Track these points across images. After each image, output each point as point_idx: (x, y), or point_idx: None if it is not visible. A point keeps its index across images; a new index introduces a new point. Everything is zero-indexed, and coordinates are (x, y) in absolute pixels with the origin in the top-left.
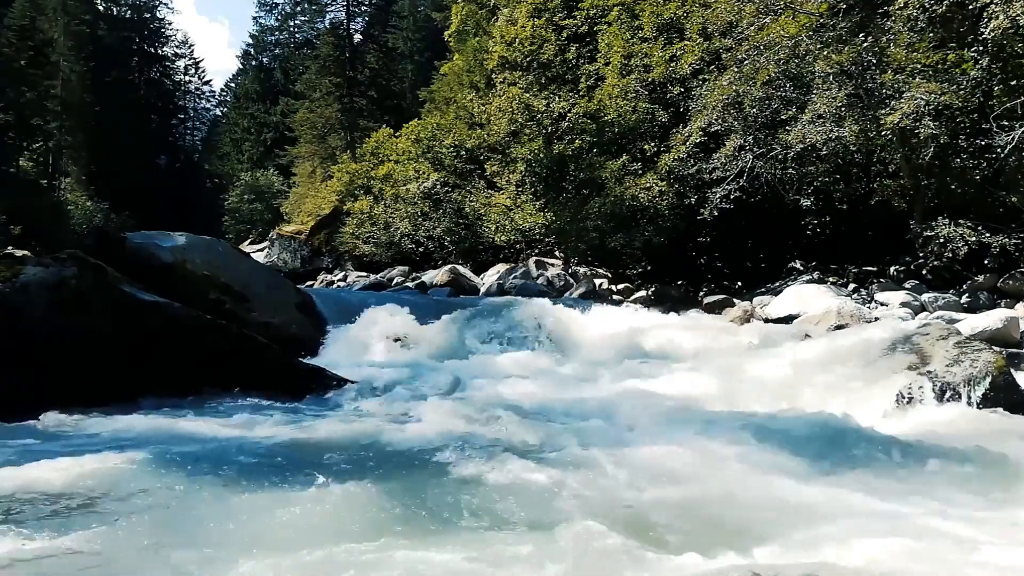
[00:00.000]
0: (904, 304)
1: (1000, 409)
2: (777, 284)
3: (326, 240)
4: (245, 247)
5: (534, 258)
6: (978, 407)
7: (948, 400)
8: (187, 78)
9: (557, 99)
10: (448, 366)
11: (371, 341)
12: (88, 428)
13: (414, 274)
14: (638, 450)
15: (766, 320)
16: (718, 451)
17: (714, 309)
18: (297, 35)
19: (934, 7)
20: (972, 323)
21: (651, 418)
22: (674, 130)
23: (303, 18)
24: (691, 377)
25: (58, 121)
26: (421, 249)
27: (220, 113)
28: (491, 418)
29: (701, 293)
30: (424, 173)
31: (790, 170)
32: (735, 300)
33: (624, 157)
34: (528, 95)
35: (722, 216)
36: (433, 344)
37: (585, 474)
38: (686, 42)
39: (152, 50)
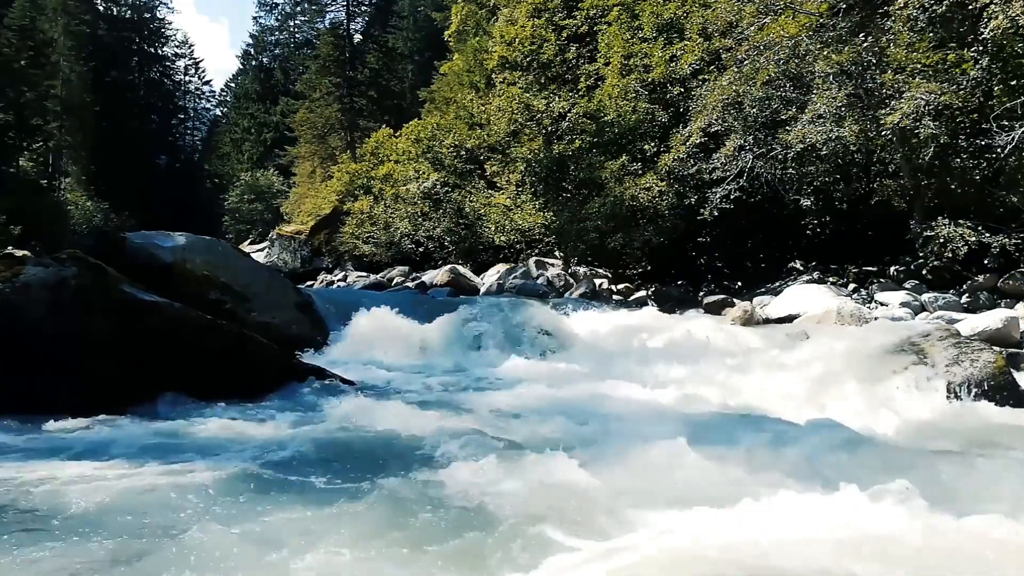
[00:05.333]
0: (904, 304)
1: (1000, 409)
2: (777, 284)
3: (326, 240)
4: (245, 247)
5: (534, 258)
6: (977, 407)
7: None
8: (187, 78)
9: (557, 99)
10: (446, 366)
11: (370, 342)
12: (88, 428)
13: (414, 274)
14: (639, 452)
15: (766, 320)
16: (713, 452)
17: (714, 309)
18: (297, 35)
19: (934, 7)
20: (972, 323)
21: (652, 419)
22: (674, 130)
23: (303, 18)
24: (690, 377)
25: (58, 121)
26: (421, 249)
27: (220, 113)
28: (489, 419)
29: (701, 293)
30: (424, 173)
31: (790, 170)
32: (735, 300)
33: (624, 157)
34: (528, 95)
35: (722, 216)
36: (432, 345)
37: (581, 475)
38: (686, 42)
39: (152, 50)
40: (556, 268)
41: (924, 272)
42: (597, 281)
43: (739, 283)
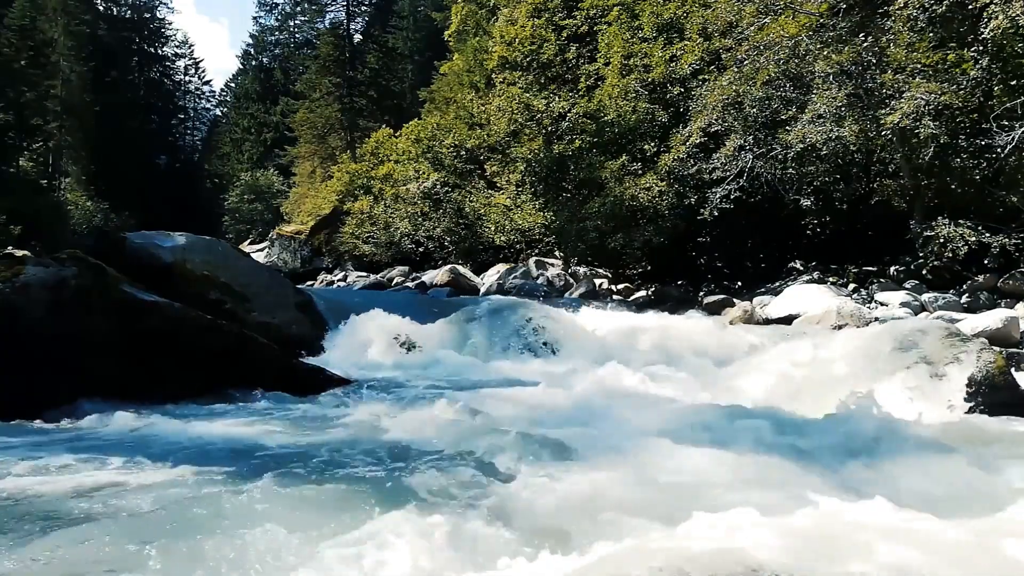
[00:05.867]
0: (904, 304)
1: (999, 409)
2: (777, 284)
3: (326, 240)
4: (245, 247)
5: (534, 258)
6: (977, 407)
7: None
8: (187, 78)
9: (557, 99)
10: (446, 366)
11: (370, 341)
12: (87, 428)
13: (414, 274)
14: (637, 453)
15: (766, 320)
16: (710, 453)
17: (714, 309)
18: (297, 35)
19: (934, 7)
20: (972, 323)
21: (646, 419)
22: (674, 130)
23: (303, 18)
24: (689, 378)
25: (58, 121)
26: (421, 249)
27: (220, 113)
28: (488, 420)
29: (701, 293)
30: (424, 173)
31: (790, 170)
32: (735, 300)
33: (624, 157)
34: (528, 95)
35: (722, 216)
36: (432, 345)
37: (578, 477)
38: (686, 42)
39: (152, 50)
40: (556, 268)
41: (924, 272)
42: (597, 281)
43: (739, 283)
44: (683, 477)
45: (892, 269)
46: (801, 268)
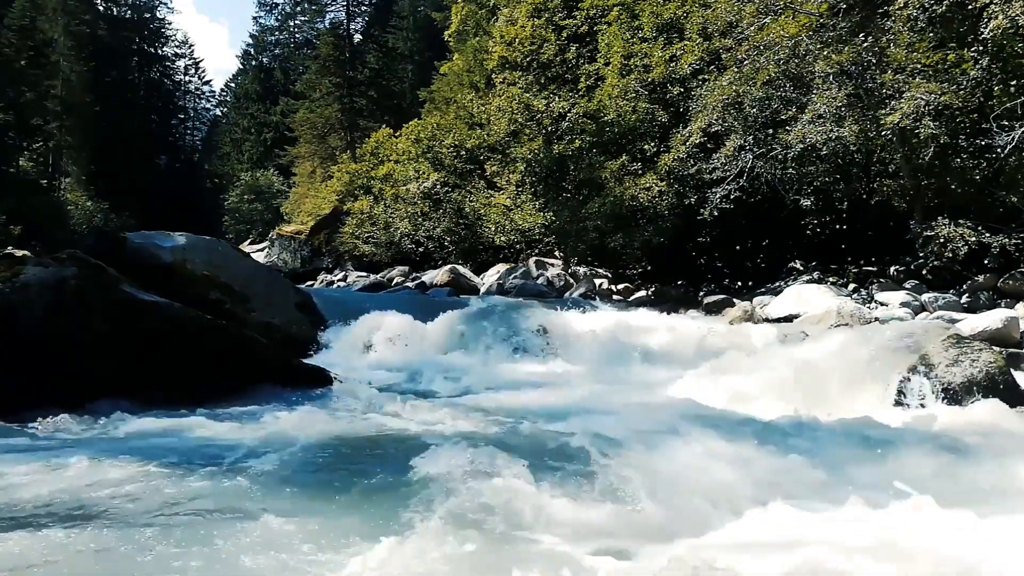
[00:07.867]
0: (904, 304)
1: (1000, 409)
2: (777, 284)
3: (326, 240)
4: (245, 247)
5: (534, 258)
6: (978, 408)
7: (947, 400)
8: (187, 78)
9: (557, 99)
10: (446, 367)
11: (371, 341)
12: (86, 429)
13: (414, 274)
14: (634, 453)
15: (766, 320)
16: (710, 455)
17: (714, 309)
18: (297, 35)
19: (934, 7)
20: (972, 323)
21: (648, 419)
22: (674, 130)
23: (303, 18)
24: (689, 378)
25: (58, 121)
26: (421, 249)
27: (220, 113)
28: (487, 420)
29: (701, 293)
30: (424, 173)
31: (790, 170)
32: (735, 300)
33: (624, 157)
34: (528, 95)
35: (722, 216)
36: (432, 344)
37: (577, 478)
38: (686, 42)
39: (152, 50)
40: (556, 268)
41: (924, 272)
42: (597, 281)
43: (739, 283)
44: (684, 479)
45: (892, 269)
46: (801, 268)
